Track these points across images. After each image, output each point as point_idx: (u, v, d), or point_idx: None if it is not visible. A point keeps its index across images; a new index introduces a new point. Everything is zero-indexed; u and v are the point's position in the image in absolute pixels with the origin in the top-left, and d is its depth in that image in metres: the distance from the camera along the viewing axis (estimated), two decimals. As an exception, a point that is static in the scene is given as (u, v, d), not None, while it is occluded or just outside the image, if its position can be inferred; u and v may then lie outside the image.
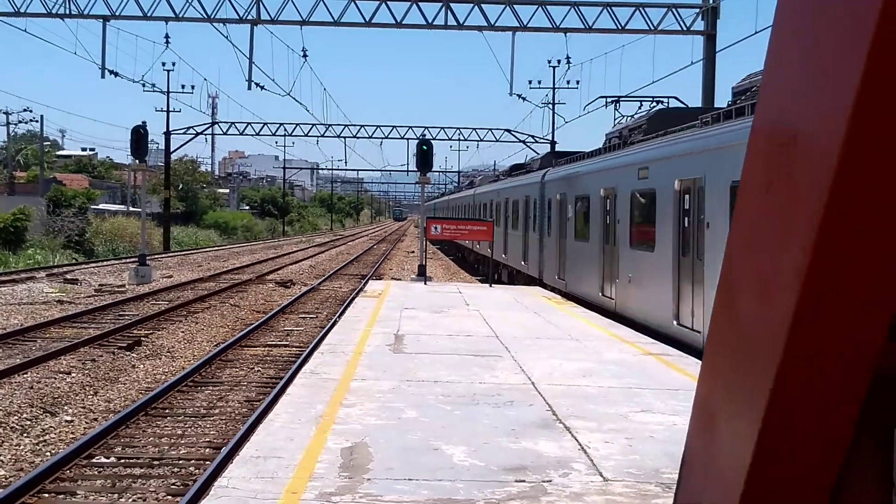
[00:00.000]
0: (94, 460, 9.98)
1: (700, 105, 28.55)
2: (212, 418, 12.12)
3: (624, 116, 24.10)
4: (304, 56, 38.49)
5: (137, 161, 34.48)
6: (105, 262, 44.00)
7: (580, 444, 8.18)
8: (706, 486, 3.10)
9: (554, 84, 57.34)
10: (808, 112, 1.98)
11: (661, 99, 24.01)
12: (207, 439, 11.03)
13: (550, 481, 7.03)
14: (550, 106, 57.68)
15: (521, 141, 65.16)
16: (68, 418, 12.24)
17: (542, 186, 28.49)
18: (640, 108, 24.13)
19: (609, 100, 25.04)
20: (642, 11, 32.10)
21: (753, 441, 2.29)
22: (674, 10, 31.77)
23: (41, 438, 11.18)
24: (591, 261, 21.78)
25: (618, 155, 20.96)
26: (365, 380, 10.99)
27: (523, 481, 6.99)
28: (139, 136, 32.88)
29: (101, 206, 69.15)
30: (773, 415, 2.18)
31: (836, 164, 1.76)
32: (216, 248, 64.31)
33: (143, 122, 33.47)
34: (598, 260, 21.20)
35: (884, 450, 2.56)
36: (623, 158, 20.00)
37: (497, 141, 68.20)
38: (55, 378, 14.39)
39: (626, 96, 25.31)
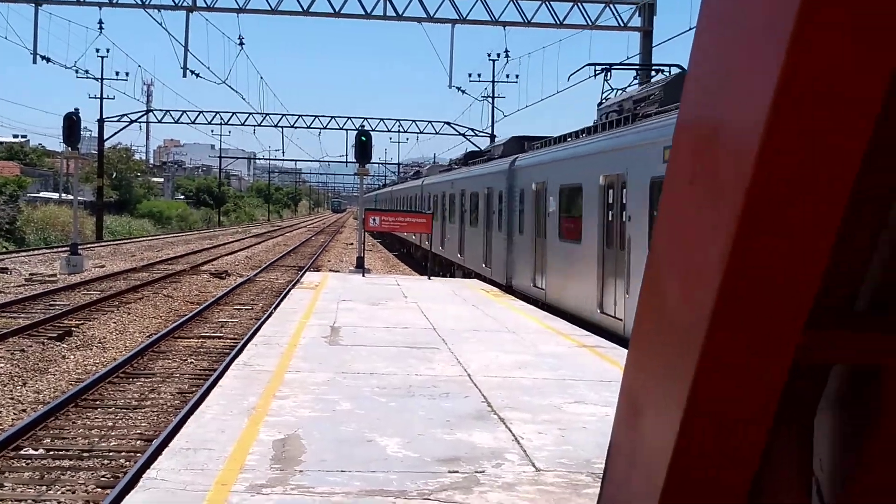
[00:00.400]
0: (21, 452, 9.79)
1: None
2: (143, 410, 11.98)
3: (614, 90, 20.87)
4: (241, 44, 38.15)
5: (70, 148, 33.84)
6: (36, 251, 43.13)
7: (514, 435, 8.23)
8: (631, 474, 3.14)
9: (494, 77, 57.65)
10: (728, 109, 2.01)
11: (662, 67, 21.09)
12: (139, 431, 10.91)
13: (483, 472, 7.06)
14: (490, 99, 57.97)
15: (461, 134, 65.30)
16: (-5, 410, 11.99)
17: (511, 175, 24.38)
18: (635, 77, 21.92)
19: (598, 68, 21.13)
20: (580, 6, 32.33)
21: (676, 430, 2.32)
22: (611, 6, 32.04)
23: (-34, 430, 10.94)
24: (585, 268, 17.32)
25: (624, 132, 16.40)
26: (300, 371, 10.92)
27: (456, 472, 7.01)
28: (71, 123, 32.27)
29: (39, 195, 67.82)
30: (696, 404, 2.22)
31: (755, 159, 1.79)
32: (150, 238, 63.43)
33: (76, 109, 32.85)
34: (594, 267, 16.68)
35: (805, 437, 2.61)
36: (635, 136, 15.57)
37: (437, 133, 68.34)
38: (-18, 369, 14.08)
39: (618, 64, 21.82)
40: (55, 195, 74.78)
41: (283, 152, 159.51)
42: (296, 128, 69.87)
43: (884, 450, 2.35)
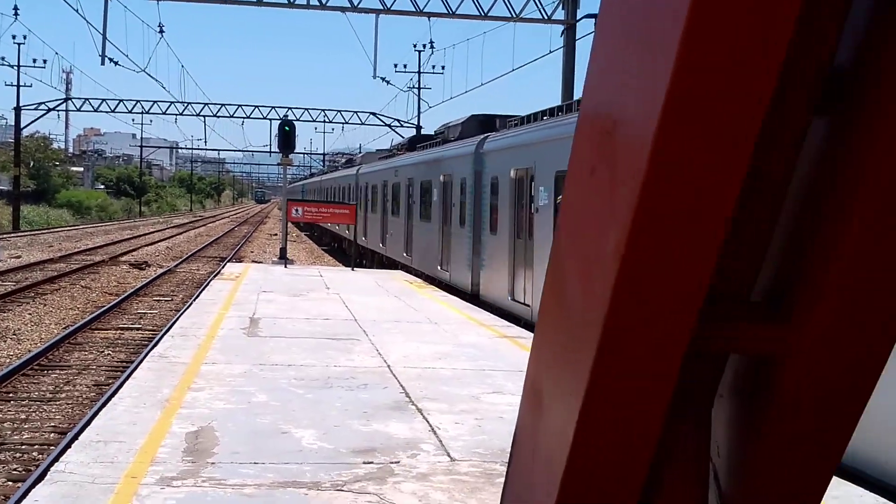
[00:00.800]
0: (-71, 447, 9.56)
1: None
2: (58, 402, 11.77)
3: None
4: (161, 32, 37.52)
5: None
6: (-53, 242, 41.94)
7: (431, 426, 8.27)
8: (534, 463, 3.19)
9: (420, 68, 57.66)
10: (625, 103, 2.06)
11: None
12: (52, 424, 10.73)
13: (398, 462, 7.09)
14: (416, 90, 57.97)
15: (386, 125, 65.30)
16: None
17: (479, 159, 20.28)
18: None
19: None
20: (505, -1, 32.49)
21: (575, 419, 2.36)
22: (535, -2, 32.24)
23: None
24: None
25: None
26: (216, 363, 10.82)
27: (371, 463, 7.04)
28: (-15, 110, 31.46)
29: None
30: (594, 393, 2.26)
31: (650, 153, 1.83)
32: (69, 228, 62.11)
33: (-10, 96, 32.05)
34: None
35: (702, 424, 2.68)
36: None
37: (362, 124, 68.19)
38: None
39: None
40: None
41: (206, 142, 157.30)
42: (218, 117, 69.13)
43: (778, 437, 2.41)
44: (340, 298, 18.42)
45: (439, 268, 23.48)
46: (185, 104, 67.32)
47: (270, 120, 67.44)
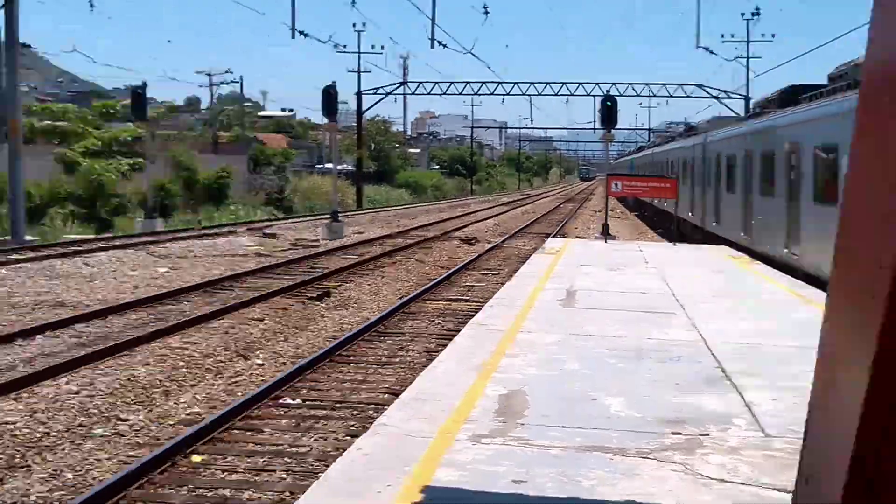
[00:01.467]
0: (281, 401, 10.61)
1: None
2: (392, 366, 12.59)
3: None
4: (486, 13, 38.71)
5: (328, 121, 35.71)
6: (301, 219, 45.99)
7: (745, 401, 8.05)
8: (828, 428, 3.12)
9: (748, 37, 55.65)
10: None
11: None
12: (386, 386, 11.46)
13: (708, 435, 7.00)
14: (743, 59, 56.08)
15: (713, 97, 63.61)
16: (259, 362, 13.07)
17: None
18: None
19: None
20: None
21: (866, 384, 2.32)
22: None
23: (233, 380, 11.99)
24: None
25: None
26: (531, 332, 11.16)
27: (679, 434, 7.00)
28: (329, 97, 34.10)
29: (316, 167, 71.95)
30: (884, 353, 2.21)
31: None
32: (406, 206, 65.93)
33: (333, 83, 34.62)
34: None
35: None
36: None
37: (687, 97, 66.80)
38: (248, 324, 15.35)
39: None
40: (330, 166, 79.32)
41: (531, 120, 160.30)
42: (543, 95, 70.26)
43: None
44: (658, 273, 18.25)
45: None
46: (512, 84, 69.09)
47: (594, 97, 67.69)
